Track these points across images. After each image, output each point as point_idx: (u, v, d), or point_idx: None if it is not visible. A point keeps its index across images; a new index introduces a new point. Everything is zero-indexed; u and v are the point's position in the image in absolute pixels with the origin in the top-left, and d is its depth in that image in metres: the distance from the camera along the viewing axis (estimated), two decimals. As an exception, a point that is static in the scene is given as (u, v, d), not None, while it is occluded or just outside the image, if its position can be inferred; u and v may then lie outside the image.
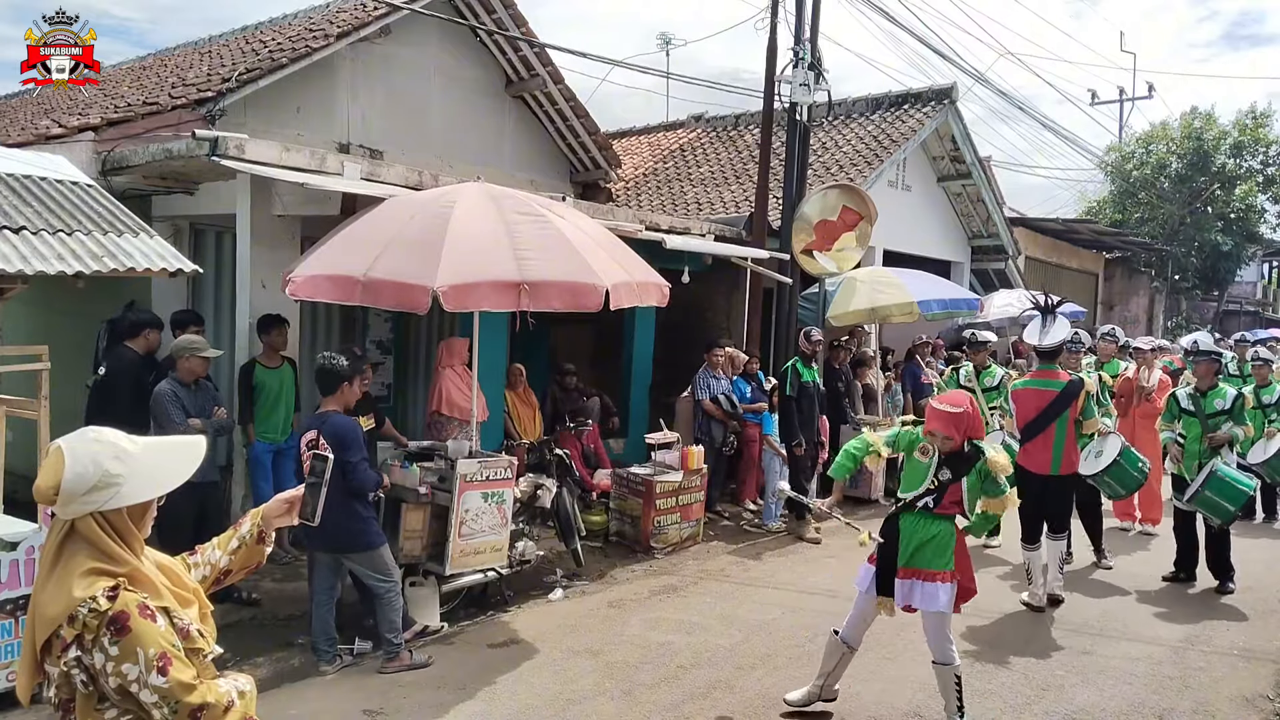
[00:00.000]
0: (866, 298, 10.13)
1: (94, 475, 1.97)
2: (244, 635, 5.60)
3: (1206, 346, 7.49)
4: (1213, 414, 7.02)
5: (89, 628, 1.93)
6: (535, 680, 5.13)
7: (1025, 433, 6.67)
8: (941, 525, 4.52)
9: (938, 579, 4.44)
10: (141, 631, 1.94)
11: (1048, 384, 6.64)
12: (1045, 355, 6.72)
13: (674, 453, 8.30)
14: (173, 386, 5.63)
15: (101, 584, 1.96)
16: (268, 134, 8.42)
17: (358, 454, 5.13)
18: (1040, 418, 6.55)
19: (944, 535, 4.51)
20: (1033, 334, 6.78)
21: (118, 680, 1.94)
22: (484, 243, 5.48)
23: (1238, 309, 31.11)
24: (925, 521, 4.52)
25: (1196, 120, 24.95)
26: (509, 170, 11.46)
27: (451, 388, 7.54)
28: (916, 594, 4.48)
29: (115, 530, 2.02)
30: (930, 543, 4.49)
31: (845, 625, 4.75)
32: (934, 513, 4.51)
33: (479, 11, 10.85)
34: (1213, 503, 6.81)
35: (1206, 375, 7.22)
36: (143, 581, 2.03)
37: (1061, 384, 6.60)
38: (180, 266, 5.40)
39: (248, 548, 2.44)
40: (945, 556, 4.48)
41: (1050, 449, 6.56)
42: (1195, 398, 7.13)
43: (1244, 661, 5.75)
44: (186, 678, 1.98)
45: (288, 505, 2.52)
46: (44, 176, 5.68)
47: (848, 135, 13.33)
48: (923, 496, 4.54)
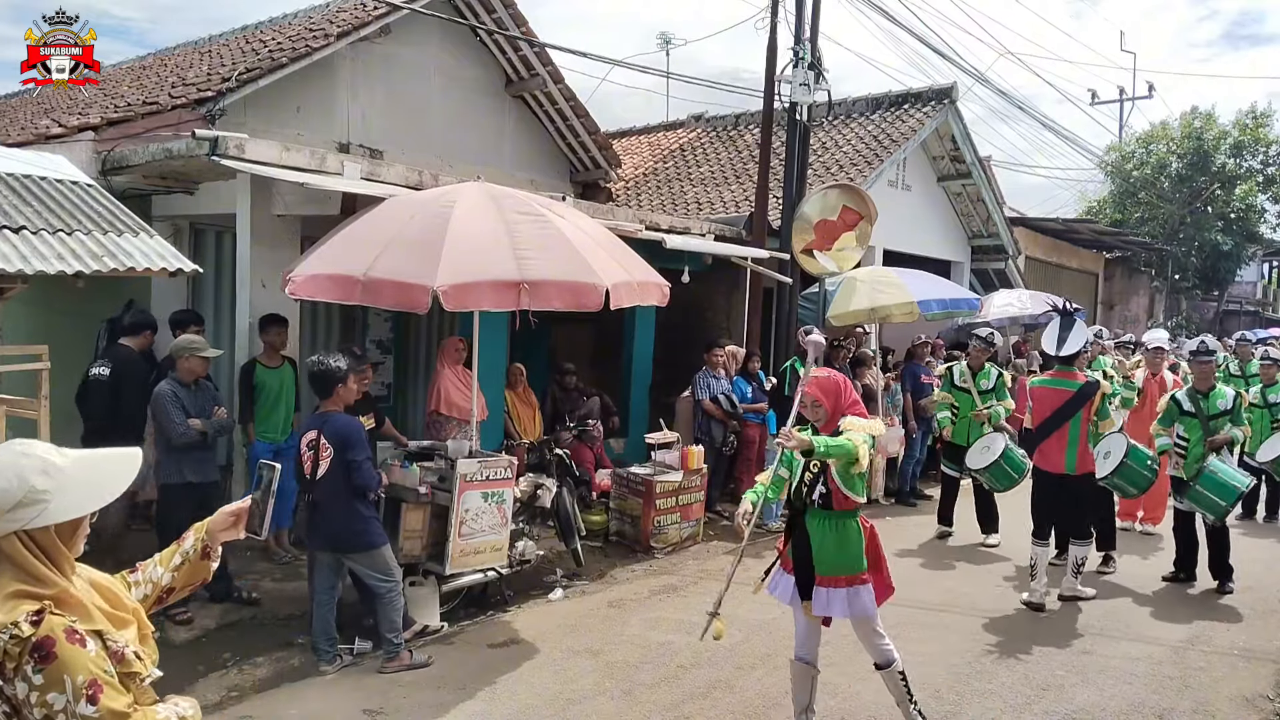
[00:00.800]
0: (866, 297, 10.13)
1: (18, 491, 1.84)
2: (244, 635, 5.61)
3: (1210, 348, 7.49)
4: (1214, 415, 7.03)
5: (10, 655, 1.78)
6: (535, 680, 5.13)
7: (1040, 431, 6.70)
8: (847, 524, 4.29)
9: (855, 583, 4.23)
10: (68, 658, 1.80)
11: (1065, 384, 6.68)
12: (1064, 359, 6.76)
13: (674, 453, 8.30)
14: (172, 387, 5.63)
15: (25, 608, 1.82)
16: (268, 134, 8.42)
17: (362, 453, 5.14)
18: (1055, 416, 6.57)
19: (851, 535, 4.29)
20: (1049, 342, 6.81)
21: (43, 711, 1.79)
22: (484, 242, 5.48)
23: (1238, 309, 31.13)
24: (828, 521, 4.28)
25: (1196, 120, 24.96)
26: (509, 170, 11.47)
27: (451, 387, 7.54)
28: (837, 603, 4.24)
29: (42, 550, 1.88)
30: (840, 546, 4.26)
31: (796, 646, 4.53)
32: (834, 511, 4.26)
33: (479, 11, 10.86)
34: (1204, 498, 6.82)
35: (1208, 377, 7.23)
36: (72, 604, 1.90)
37: (1078, 384, 6.62)
38: (180, 266, 5.40)
39: (191, 564, 2.33)
40: (857, 558, 4.27)
41: (1064, 449, 6.57)
42: (1196, 399, 7.14)
43: (1244, 661, 5.75)
44: (119, 705, 1.83)
45: (234, 518, 2.41)
46: (44, 176, 5.69)
47: (848, 135, 13.34)
48: (806, 488, 4.28)
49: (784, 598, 4.47)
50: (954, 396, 8.55)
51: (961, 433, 8.40)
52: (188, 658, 5.27)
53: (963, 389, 8.47)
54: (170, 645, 5.43)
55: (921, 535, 8.58)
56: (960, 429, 8.43)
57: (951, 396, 8.56)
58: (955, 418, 8.50)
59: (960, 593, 6.97)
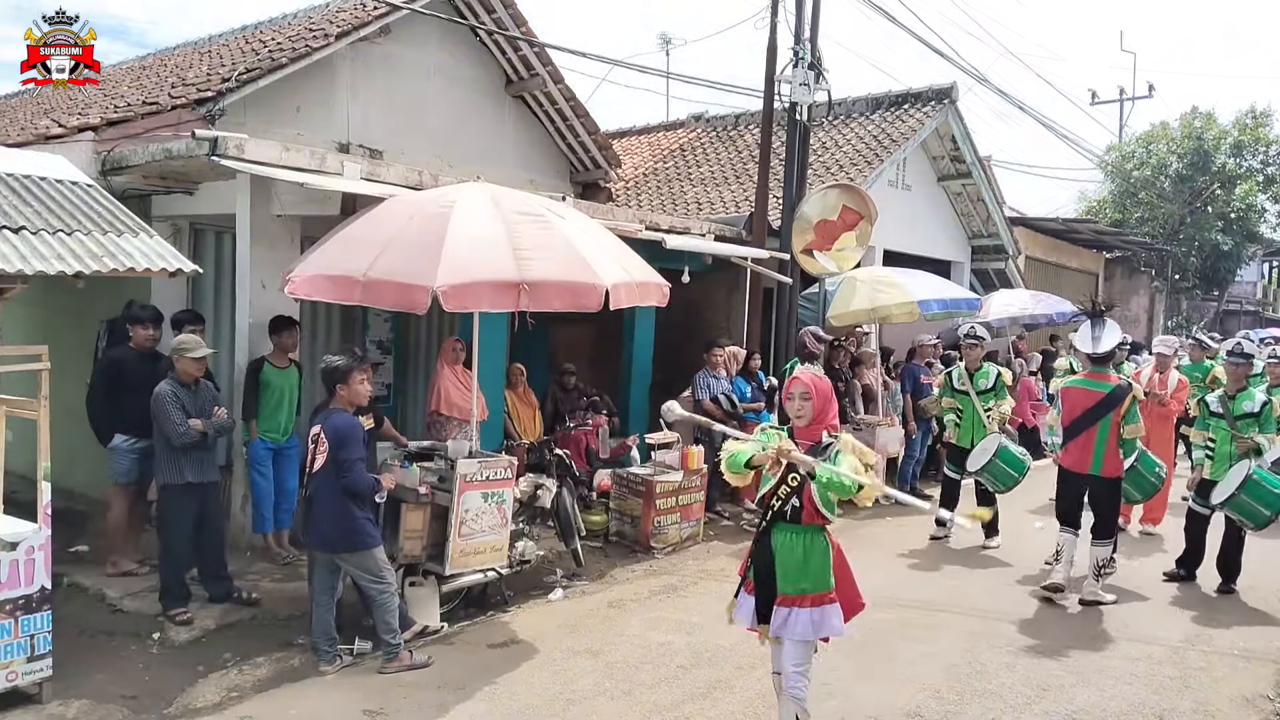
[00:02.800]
0: (866, 297, 10.13)
1: None
2: (244, 635, 5.62)
3: (1245, 350, 7.40)
4: (1241, 416, 7.01)
5: None
6: (535, 680, 5.13)
7: (1068, 432, 6.73)
8: (815, 539, 4.02)
9: (823, 602, 3.99)
10: None
11: (1097, 385, 6.69)
12: (1098, 360, 6.76)
13: (674, 453, 8.30)
14: (172, 387, 5.63)
15: None
16: (268, 134, 8.42)
17: (355, 452, 5.13)
18: (1084, 417, 6.60)
19: (819, 550, 4.02)
20: (1084, 341, 6.81)
21: None
22: (483, 243, 5.48)
23: (1238, 309, 31.15)
24: (796, 536, 4.01)
25: (1197, 120, 24.98)
26: (509, 170, 11.46)
27: (451, 388, 7.54)
28: (799, 623, 3.97)
29: None
30: (807, 562, 4.00)
31: (772, 660, 4.31)
32: (803, 525, 4.00)
33: (479, 11, 10.86)
34: (1248, 507, 6.73)
35: (1239, 379, 7.21)
36: None
37: (1110, 386, 6.63)
38: (180, 266, 5.40)
39: None
40: (824, 576, 4.01)
41: (1091, 449, 6.60)
42: (1224, 400, 7.13)
43: (1244, 661, 5.75)
44: None
45: None
46: (44, 176, 5.68)
47: (848, 135, 13.34)
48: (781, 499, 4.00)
49: (746, 621, 4.20)
50: (956, 400, 8.55)
51: (966, 435, 8.39)
52: (188, 658, 5.28)
53: (963, 391, 8.47)
54: (170, 646, 5.44)
55: (921, 535, 8.58)
56: (964, 432, 8.42)
57: (955, 401, 8.56)
58: (960, 420, 8.50)
59: (960, 593, 6.98)
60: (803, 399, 4.07)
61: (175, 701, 4.77)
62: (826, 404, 4.11)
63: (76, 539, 6.87)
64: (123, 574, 6.25)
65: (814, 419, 4.07)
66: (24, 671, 4.52)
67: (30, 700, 4.59)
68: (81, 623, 5.58)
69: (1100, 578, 6.76)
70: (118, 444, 6.22)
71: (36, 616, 4.56)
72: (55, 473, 4.72)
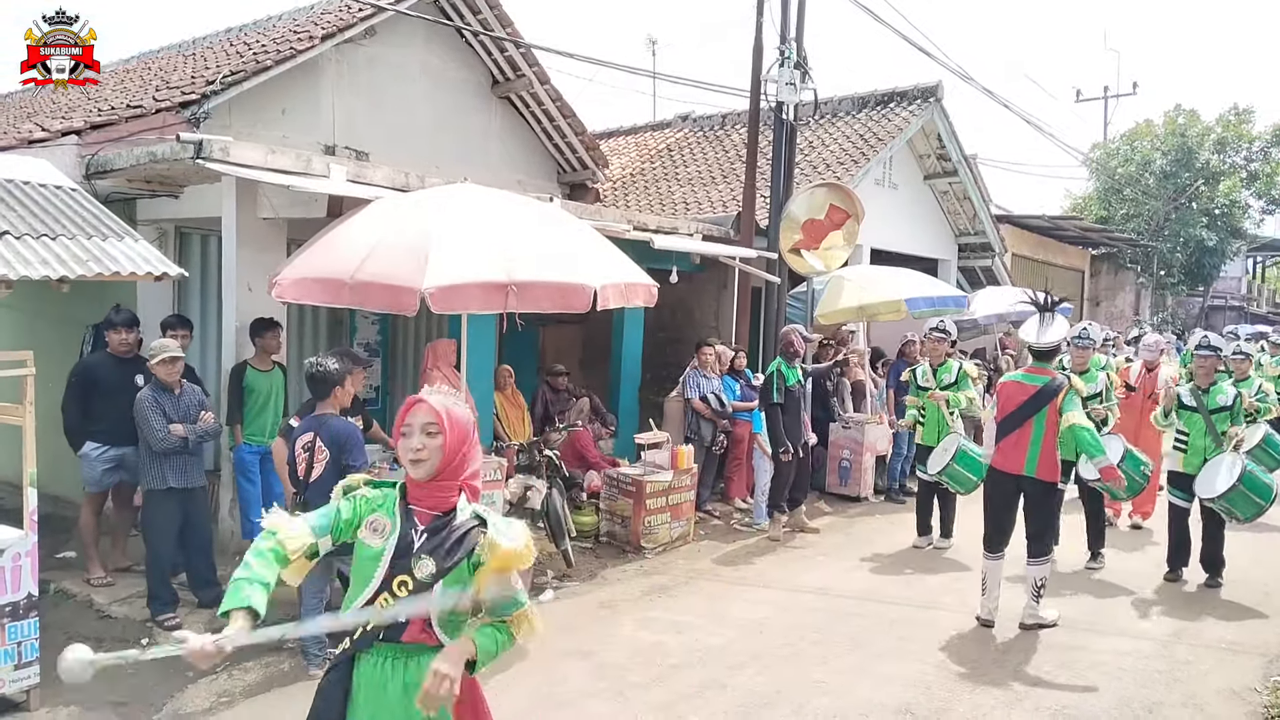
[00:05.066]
0: (854, 296, 10.16)
1: None
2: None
3: (1212, 344, 7.43)
4: (1215, 410, 7.05)
5: None
6: (527, 681, 5.11)
7: (1001, 428, 6.27)
8: (422, 668, 2.41)
9: None
10: None
11: (1033, 379, 6.22)
12: (1041, 355, 6.32)
13: (664, 452, 8.31)
14: (154, 392, 5.60)
15: None
16: (253, 136, 8.38)
17: (360, 458, 5.10)
18: (1018, 412, 6.13)
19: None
20: (1030, 332, 6.39)
21: None
22: (471, 244, 5.47)
23: (1223, 304, 31.37)
24: (395, 668, 2.51)
25: (1180, 117, 25.16)
26: (496, 171, 11.44)
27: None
28: None
29: None
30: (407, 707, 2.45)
31: None
32: (406, 645, 2.49)
33: (464, 12, 10.84)
34: (1245, 499, 6.73)
35: (1209, 373, 7.25)
36: None
37: (1045, 380, 6.16)
38: (165, 270, 5.37)
39: None
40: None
41: (1025, 447, 6.11)
42: (1197, 394, 7.17)
43: (1231, 655, 5.79)
44: None
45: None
46: (27, 181, 5.65)
47: (834, 134, 13.37)
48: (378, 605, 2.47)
49: None
50: (919, 398, 8.42)
51: (931, 434, 8.17)
52: (177, 663, 5.23)
53: (926, 388, 8.41)
54: (159, 651, 5.41)
55: (910, 533, 8.60)
56: (929, 430, 8.22)
57: (919, 399, 8.42)
58: (923, 419, 8.35)
59: (949, 590, 7.00)
60: (425, 433, 2.50)
61: (164, 707, 4.74)
62: (463, 447, 2.56)
63: (63, 545, 6.83)
64: (101, 583, 6.19)
65: (440, 469, 2.52)
66: (11, 679, 4.48)
67: (18, 708, 4.56)
68: (69, 629, 5.53)
69: (1040, 598, 6.17)
70: (88, 451, 6.10)
71: (23, 623, 4.53)
72: (41, 478, 4.69)
